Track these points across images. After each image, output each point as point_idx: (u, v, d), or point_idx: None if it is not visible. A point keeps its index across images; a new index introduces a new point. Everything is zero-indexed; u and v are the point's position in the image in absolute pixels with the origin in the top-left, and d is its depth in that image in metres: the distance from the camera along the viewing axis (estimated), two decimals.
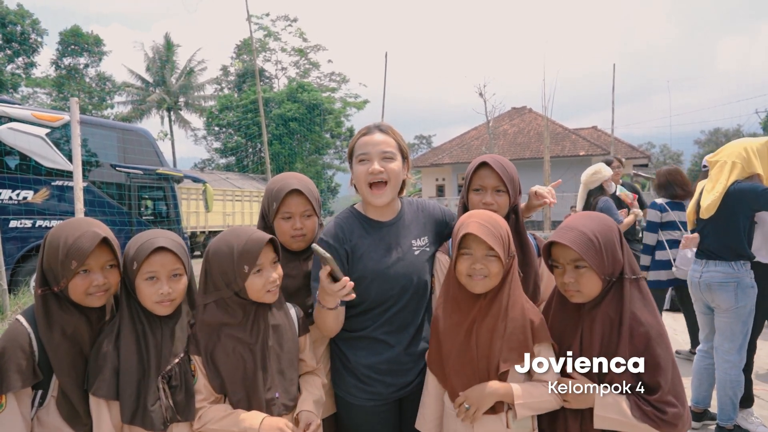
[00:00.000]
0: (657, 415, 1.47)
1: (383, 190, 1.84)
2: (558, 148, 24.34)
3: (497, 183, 1.85)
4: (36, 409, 1.55)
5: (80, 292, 1.55)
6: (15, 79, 25.64)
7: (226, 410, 1.62)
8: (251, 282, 1.64)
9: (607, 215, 1.78)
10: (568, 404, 1.56)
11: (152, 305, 1.62)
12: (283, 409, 1.69)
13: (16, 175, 7.14)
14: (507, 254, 1.61)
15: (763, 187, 3.13)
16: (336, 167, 32.85)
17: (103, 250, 1.59)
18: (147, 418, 1.53)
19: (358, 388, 1.88)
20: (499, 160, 1.89)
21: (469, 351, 1.61)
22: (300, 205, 1.93)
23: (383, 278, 1.84)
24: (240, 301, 1.67)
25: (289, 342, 1.76)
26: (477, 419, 1.58)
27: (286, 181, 1.95)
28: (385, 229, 1.91)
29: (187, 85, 33.03)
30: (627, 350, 1.51)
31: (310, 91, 28.76)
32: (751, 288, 3.19)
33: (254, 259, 1.62)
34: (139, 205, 9.29)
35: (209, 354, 1.64)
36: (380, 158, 1.83)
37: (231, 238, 1.67)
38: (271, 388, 1.67)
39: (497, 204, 1.85)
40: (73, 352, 1.56)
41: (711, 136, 52.22)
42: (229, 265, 1.64)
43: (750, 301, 3.19)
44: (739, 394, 3.24)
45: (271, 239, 1.69)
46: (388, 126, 1.92)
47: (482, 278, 1.60)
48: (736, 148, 3.27)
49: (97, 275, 1.57)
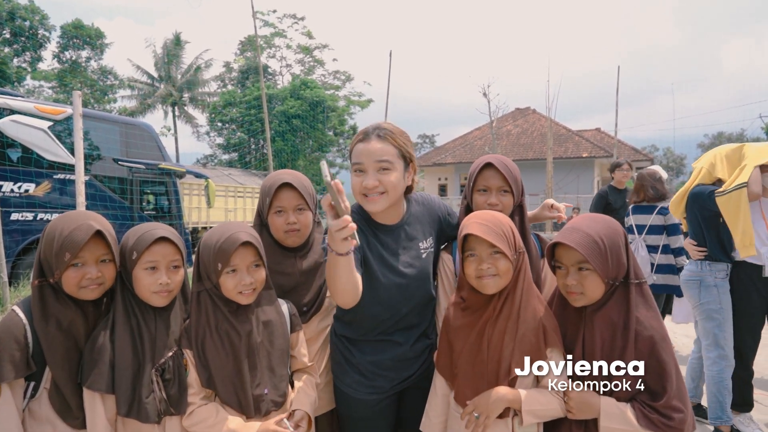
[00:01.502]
0: (663, 422, 1.45)
1: (377, 200, 1.73)
2: (561, 150, 24.30)
3: (502, 183, 1.84)
4: (28, 400, 1.55)
5: (73, 284, 1.55)
6: (20, 72, 25.63)
7: (217, 414, 1.62)
8: (224, 280, 1.65)
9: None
10: (573, 416, 1.54)
11: (149, 295, 1.61)
12: (272, 405, 1.69)
13: (18, 168, 7.12)
14: (513, 250, 1.59)
15: (710, 189, 3.26)
16: (339, 165, 32.83)
17: (98, 243, 1.58)
18: (142, 410, 1.54)
19: (361, 383, 1.88)
20: (503, 160, 1.87)
21: (480, 353, 1.60)
22: (292, 200, 1.91)
23: (392, 285, 1.81)
24: (222, 295, 1.67)
25: (280, 338, 1.75)
26: (488, 427, 1.55)
27: (279, 176, 1.94)
28: (392, 232, 1.86)
29: (192, 80, 33.04)
30: (632, 355, 1.49)
31: (313, 88, 28.69)
32: (714, 287, 3.30)
33: (227, 259, 1.62)
34: (141, 200, 9.29)
35: (200, 347, 1.64)
36: (376, 169, 1.70)
37: (216, 233, 1.68)
38: (260, 384, 1.67)
39: (502, 204, 1.84)
40: (67, 344, 1.56)
41: (714, 139, 52.03)
42: (208, 259, 1.65)
43: (714, 299, 3.30)
44: (724, 392, 3.26)
45: (248, 242, 1.65)
46: (388, 129, 1.75)
47: (492, 277, 1.58)
48: (710, 154, 3.44)
49: (91, 268, 1.56)
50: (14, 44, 25.60)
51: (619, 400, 1.51)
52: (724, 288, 3.33)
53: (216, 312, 1.67)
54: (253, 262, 1.69)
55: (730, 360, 3.28)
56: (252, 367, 1.66)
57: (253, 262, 1.69)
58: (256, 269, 1.70)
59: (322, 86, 30.88)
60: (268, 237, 1.94)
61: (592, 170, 24.55)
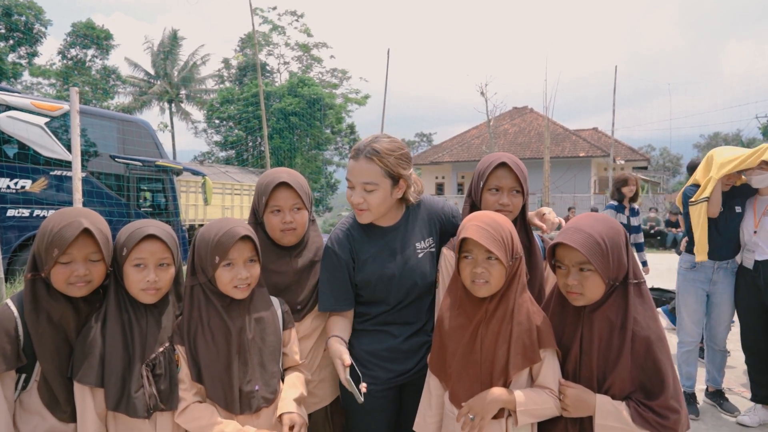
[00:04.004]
0: (658, 421, 1.46)
1: (362, 214, 1.88)
2: (558, 149, 24.33)
3: (514, 184, 1.82)
4: (19, 392, 1.57)
5: (61, 280, 1.56)
6: (16, 68, 25.49)
7: (211, 416, 1.62)
8: (220, 274, 1.66)
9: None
10: (568, 414, 1.54)
11: (138, 292, 1.62)
12: (263, 402, 1.70)
13: (14, 164, 7.09)
14: (510, 257, 1.57)
15: (691, 191, 3.68)
16: (336, 163, 32.78)
17: (88, 241, 1.58)
18: (131, 405, 1.55)
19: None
20: (515, 160, 1.85)
21: (473, 354, 1.59)
22: (289, 199, 1.92)
23: (387, 283, 1.89)
24: (216, 289, 1.68)
25: (272, 335, 1.76)
26: (483, 428, 1.55)
27: (276, 174, 1.95)
28: (387, 234, 1.94)
29: (189, 77, 32.91)
30: (629, 355, 1.50)
31: (311, 85, 28.61)
32: (680, 275, 3.88)
33: (225, 252, 1.64)
34: (137, 197, 9.26)
35: (192, 341, 1.65)
36: (361, 188, 1.83)
37: (215, 227, 1.69)
38: (251, 381, 1.68)
39: (513, 205, 1.82)
40: (57, 338, 1.57)
41: (710, 140, 52.15)
42: (205, 252, 1.66)
43: (679, 286, 3.88)
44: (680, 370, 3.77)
45: (247, 236, 1.68)
46: (377, 150, 1.80)
47: (484, 283, 1.57)
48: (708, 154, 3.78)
49: (79, 266, 1.57)
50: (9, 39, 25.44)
51: (615, 398, 1.51)
52: (686, 276, 3.81)
53: (209, 307, 1.68)
54: (249, 257, 1.71)
55: (684, 342, 3.82)
56: (243, 364, 1.67)
57: (250, 257, 1.71)
58: (251, 264, 1.71)
59: (320, 84, 30.79)
60: (263, 235, 1.95)
61: (589, 170, 24.60)
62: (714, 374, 3.85)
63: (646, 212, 19.27)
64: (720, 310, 3.70)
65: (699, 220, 3.53)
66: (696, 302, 3.74)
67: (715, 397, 3.84)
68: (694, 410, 3.67)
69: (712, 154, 3.61)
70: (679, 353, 3.82)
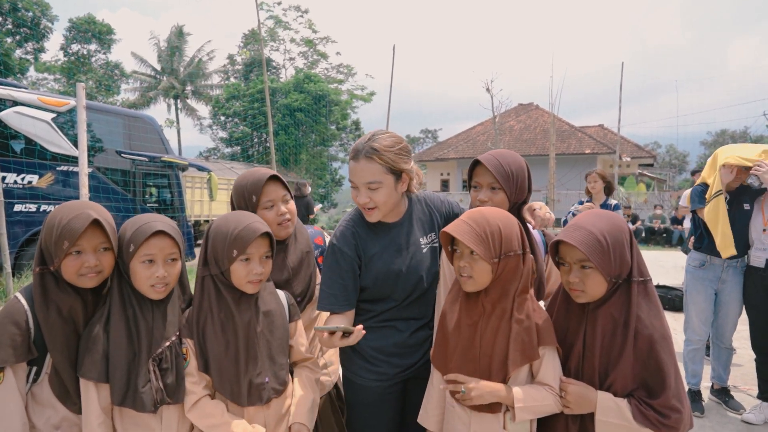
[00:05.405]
0: (659, 419, 1.46)
1: (371, 213, 1.88)
2: (564, 146, 24.24)
3: (491, 180, 1.84)
4: (31, 384, 1.58)
5: (72, 272, 1.57)
6: (23, 64, 25.59)
7: (222, 415, 1.64)
8: (236, 267, 1.66)
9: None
10: (569, 410, 1.54)
11: (147, 289, 1.63)
12: (273, 393, 1.72)
13: (21, 159, 7.14)
14: (496, 254, 1.55)
15: (700, 191, 3.68)
16: (341, 159, 32.78)
17: (96, 232, 1.59)
18: (138, 399, 1.56)
19: (366, 369, 1.95)
20: (496, 156, 1.87)
21: (473, 349, 1.60)
22: (279, 191, 1.98)
23: (394, 279, 1.90)
24: (228, 282, 1.69)
25: (280, 328, 1.78)
26: (467, 404, 1.58)
27: (259, 171, 1.99)
28: (393, 230, 1.95)
29: (195, 73, 32.96)
30: (631, 352, 1.50)
31: (316, 81, 28.60)
32: (687, 273, 3.88)
33: (244, 247, 1.64)
34: (143, 192, 9.31)
35: (200, 333, 1.67)
36: (365, 188, 1.83)
37: (233, 220, 1.70)
38: (261, 373, 1.69)
39: (492, 201, 1.84)
40: (67, 331, 1.58)
41: (717, 137, 51.78)
42: (222, 244, 1.66)
43: (686, 283, 3.89)
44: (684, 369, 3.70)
45: (267, 233, 1.70)
46: (376, 148, 1.79)
47: (468, 278, 1.58)
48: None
49: (89, 257, 1.58)
50: (17, 35, 25.54)
51: (616, 395, 1.51)
52: (695, 275, 3.79)
53: (219, 299, 1.69)
54: (265, 253, 1.73)
55: (691, 341, 3.82)
56: (253, 356, 1.68)
57: (266, 253, 1.73)
58: (266, 260, 1.74)
59: (326, 80, 30.76)
60: None
61: (595, 167, 24.38)
62: (720, 372, 3.84)
63: (652, 209, 19.19)
64: (728, 308, 3.69)
65: (719, 215, 3.42)
66: (705, 301, 3.72)
67: (721, 394, 3.83)
68: (699, 408, 3.66)
69: (717, 153, 3.59)
70: (686, 351, 3.83)
